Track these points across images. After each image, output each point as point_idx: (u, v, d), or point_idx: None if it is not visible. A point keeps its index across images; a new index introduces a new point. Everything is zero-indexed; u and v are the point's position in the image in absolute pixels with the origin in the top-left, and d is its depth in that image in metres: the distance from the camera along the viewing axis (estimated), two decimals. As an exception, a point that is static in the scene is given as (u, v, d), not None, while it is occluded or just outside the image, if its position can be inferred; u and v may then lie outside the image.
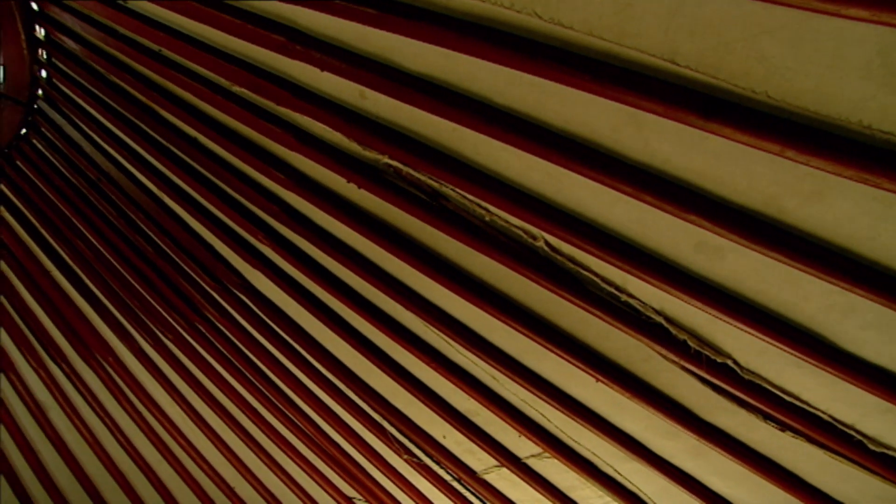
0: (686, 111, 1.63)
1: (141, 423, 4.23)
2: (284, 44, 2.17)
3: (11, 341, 4.11)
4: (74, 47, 2.96)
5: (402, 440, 3.35)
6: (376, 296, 2.82)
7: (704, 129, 1.65)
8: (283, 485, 4.13)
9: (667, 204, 1.88)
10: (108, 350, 3.94)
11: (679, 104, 1.63)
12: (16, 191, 3.58)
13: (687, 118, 1.65)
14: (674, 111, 1.65)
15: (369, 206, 2.55)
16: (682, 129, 1.72)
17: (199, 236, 3.16)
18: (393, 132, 2.27)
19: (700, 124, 1.64)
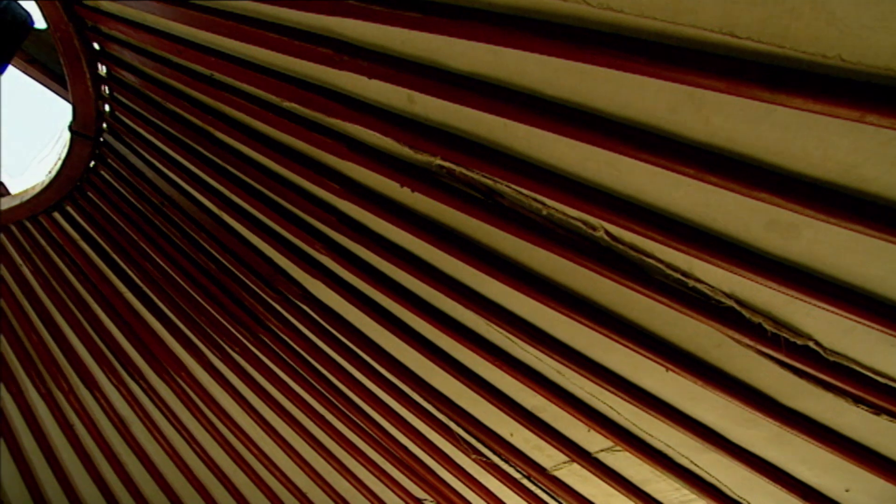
0: (750, 85, 1.56)
1: (215, 433, 4.39)
2: (331, 56, 2.21)
3: (94, 361, 4.34)
4: (133, 80, 3.10)
5: (469, 440, 3.35)
6: (436, 297, 2.83)
7: (771, 102, 1.59)
8: (353, 489, 4.20)
9: (733, 183, 1.81)
10: (181, 365, 4.11)
11: (742, 78, 1.57)
12: (88, 220, 3.78)
13: (751, 92, 1.59)
14: (736, 86, 1.59)
15: (424, 209, 2.56)
16: (746, 103, 1.65)
17: (259, 250, 3.25)
18: (444, 133, 2.28)
19: (766, 97, 1.57)
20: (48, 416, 4.73)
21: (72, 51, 3.07)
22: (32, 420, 4.74)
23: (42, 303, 4.23)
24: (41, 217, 3.89)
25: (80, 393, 4.56)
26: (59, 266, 4.05)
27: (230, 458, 4.50)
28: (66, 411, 4.67)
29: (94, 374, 4.44)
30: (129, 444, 4.72)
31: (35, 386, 4.57)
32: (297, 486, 4.46)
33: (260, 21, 2.36)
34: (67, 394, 4.56)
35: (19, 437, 4.84)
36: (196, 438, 4.50)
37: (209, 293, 3.61)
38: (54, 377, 4.50)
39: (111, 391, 4.48)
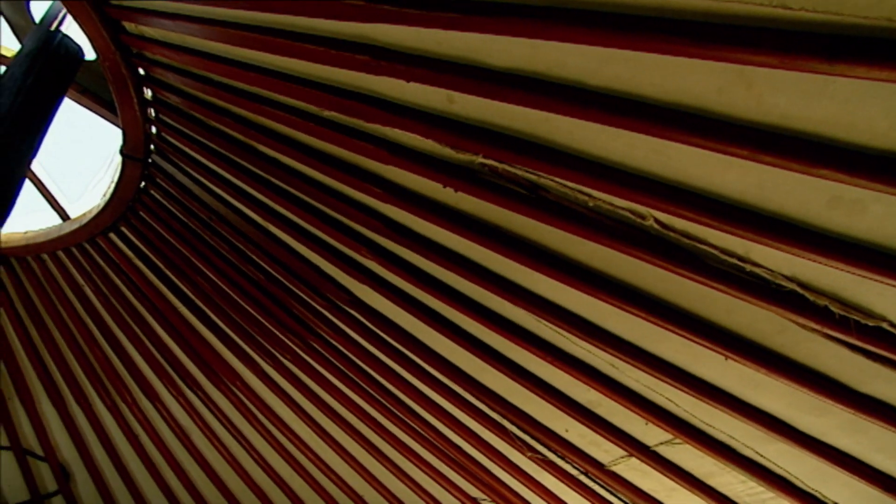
0: (806, 57, 1.50)
1: (271, 440, 4.49)
2: (368, 62, 2.23)
3: (154, 374, 4.50)
4: (177, 101, 3.20)
5: (523, 437, 3.33)
6: (484, 296, 2.83)
7: (829, 74, 1.52)
8: (408, 490, 4.23)
9: (790, 161, 1.74)
10: (235, 375, 4.22)
11: (796, 52, 1.50)
12: (142, 239, 3.92)
13: (807, 65, 1.52)
14: (791, 60, 1.52)
15: (468, 208, 2.56)
16: (801, 77, 1.59)
17: (306, 259, 3.31)
18: (485, 131, 2.27)
19: (824, 69, 1.51)
20: (115, 428, 4.93)
21: (119, 78, 3.19)
22: (101, 431, 4.95)
23: (104, 320, 4.41)
24: (99, 239, 4.06)
25: (142, 404, 4.74)
26: (117, 285, 4.22)
27: (287, 463, 4.59)
28: (131, 422, 4.86)
29: (154, 386, 4.60)
30: (190, 452, 4.88)
31: (101, 399, 4.77)
32: (353, 489, 4.53)
33: (295, 33, 2.40)
34: (131, 405, 4.75)
35: (90, 447, 5.06)
36: (253, 445, 4.62)
37: (259, 304, 3.69)
38: (118, 390, 4.68)
39: (171, 402, 4.63)
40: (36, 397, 4.91)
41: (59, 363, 4.71)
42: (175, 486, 5.12)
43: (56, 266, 4.32)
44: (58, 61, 3.16)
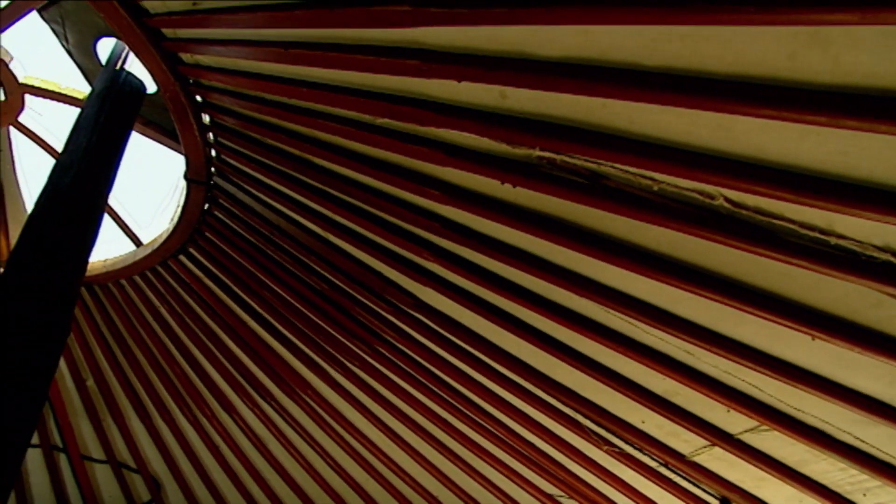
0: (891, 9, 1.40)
1: (344, 445, 4.58)
2: (418, 66, 2.24)
3: (229, 387, 4.68)
4: (233, 123, 3.32)
5: (598, 431, 3.27)
6: (549, 290, 2.79)
7: (917, 25, 1.42)
8: (483, 489, 4.23)
9: (876, 123, 1.64)
10: (306, 384, 4.33)
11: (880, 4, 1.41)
12: (210, 259, 4.09)
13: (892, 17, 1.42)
14: (873, 14, 1.43)
15: (528, 203, 2.53)
16: (884, 32, 1.49)
17: (368, 266, 3.36)
18: (540, 123, 2.24)
19: (910, 21, 1.41)
20: (197, 440, 5.15)
21: (179, 106, 3.33)
22: (185, 444, 5.19)
23: (180, 339, 4.62)
24: (170, 261, 4.25)
25: (220, 417, 4.93)
26: (190, 304, 4.41)
27: (360, 467, 4.67)
28: (212, 434, 5.06)
29: (230, 399, 4.78)
30: (268, 461, 5.04)
31: (184, 414, 5.00)
32: (427, 490, 4.56)
33: (345, 45, 2.44)
34: (211, 419, 4.95)
35: (177, 459, 5.31)
36: (327, 451, 4.72)
37: (325, 313, 3.78)
38: (198, 404, 4.89)
39: (247, 413, 4.80)
40: (125, 414, 5.20)
41: (143, 381, 4.96)
42: (256, 493, 5.30)
43: (134, 290, 4.56)
44: (124, 98, 3.33)
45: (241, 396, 4.68)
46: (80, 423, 5.32)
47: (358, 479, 4.81)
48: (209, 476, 5.35)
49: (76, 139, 3.07)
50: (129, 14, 2.91)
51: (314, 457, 4.80)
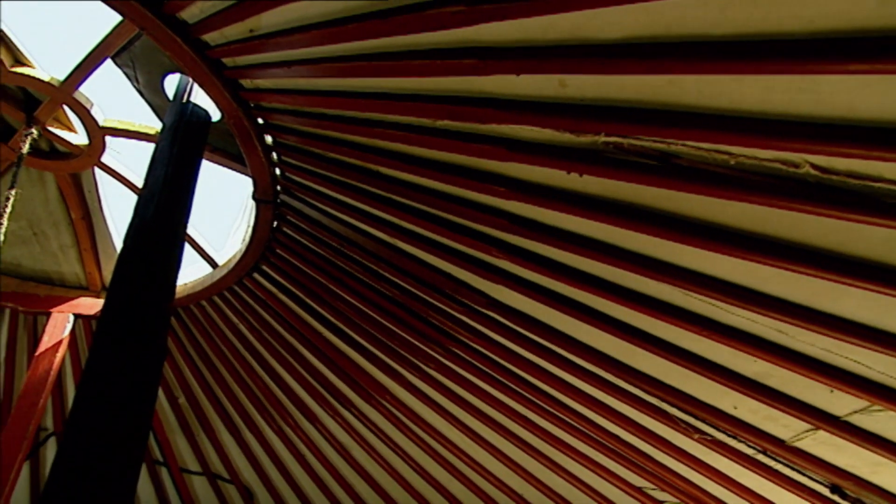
0: None
1: (426, 448, 4.63)
2: (475, 64, 2.24)
3: (310, 397, 4.84)
4: (295, 140, 3.43)
5: (686, 419, 3.16)
6: (624, 277, 2.73)
7: None
8: (568, 485, 4.17)
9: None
10: (384, 389, 4.41)
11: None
12: (282, 274, 4.24)
13: None
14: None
15: (596, 190, 2.49)
16: None
17: (438, 268, 3.39)
18: (604, 108, 2.20)
19: None
20: (284, 450, 5.34)
21: (243, 130, 3.48)
22: (272, 453, 5.39)
23: (260, 353, 4.81)
24: (245, 280, 4.44)
25: (304, 426, 5.10)
26: (267, 320, 4.58)
27: (444, 469, 4.71)
28: (297, 444, 5.24)
29: (312, 409, 4.93)
30: (353, 467, 5.16)
31: (269, 425, 5.20)
32: (512, 488, 4.55)
33: (399, 52, 2.47)
34: (295, 428, 5.12)
35: (266, 469, 5.53)
36: (409, 454, 4.79)
37: (398, 318, 3.84)
38: (282, 415, 5.08)
39: (329, 422, 4.94)
40: (216, 428, 5.46)
41: (229, 396, 5.20)
42: (343, 498, 5.44)
43: (214, 310, 4.78)
44: (193, 128, 3.51)
45: (322, 405, 4.83)
46: (176, 438, 5.63)
47: (441, 480, 4.85)
48: (297, 484, 5.54)
49: (154, 172, 3.25)
50: (192, 49, 3.06)
51: (397, 460, 4.88)
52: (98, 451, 2.13)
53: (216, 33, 2.94)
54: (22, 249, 5.04)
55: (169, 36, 3.00)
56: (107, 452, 2.10)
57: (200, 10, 2.84)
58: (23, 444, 4.08)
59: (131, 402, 2.28)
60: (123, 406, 2.24)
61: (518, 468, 4.29)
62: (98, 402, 2.28)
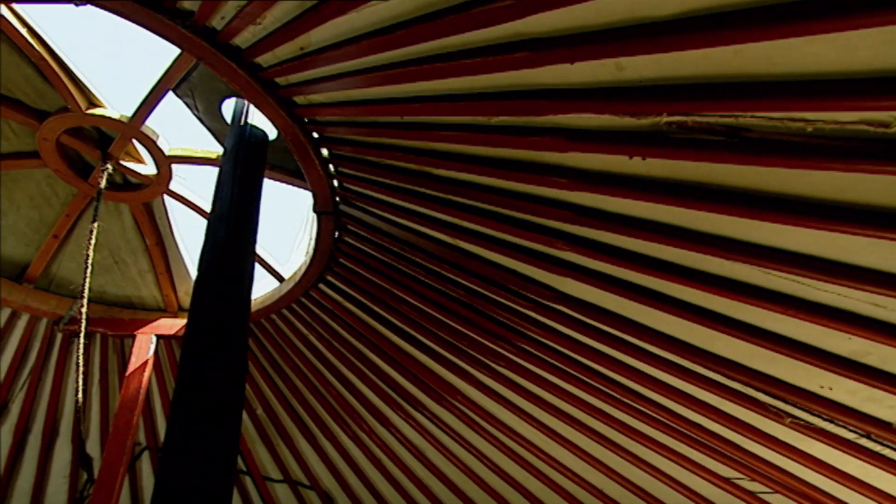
0: None
1: (501, 446, 4.62)
2: (527, 57, 2.22)
3: (382, 402, 4.92)
4: (350, 150, 3.49)
5: (775, 404, 3.01)
6: (696, 259, 2.63)
7: None
8: (651, 478, 4.06)
9: None
10: (455, 390, 4.43)
11: None
12: (347, 283, 4.33)
13: None
14: None
15: (661, 173, 2.41)
16: None
17: (502, 265, 3.37)
18: (665, 88, 2.12)
19: None
20: (360, 455, 5.45)
21: (301, 146, 3.57)
22: (349, 459, 5.51)
23: (330, 361, 4.93)
24: (312, 291, 4.56)
25: (378, 431, 5.18)
26: (335, 328, 4.69)
27: (520, 467, 4.68)
28: (372, 448, 5.33)
29: (385, 413, 5.01)
30: (429, 469, 5.20)
31: (344, 431, 5.31)
32: (592, 484, 4.46)
33: (449, 53, 2.47)
34: (369, 433, 5.22)
35: (343, 474, 5.66)
36: (484, 454, 4.79)
37: (464, 318, 3.84)
38: (356, 421, 5.18)
39: (402, 425, 5.00)
40: (293, 437, 5.63)
41: (304, 405, 5.35)
42: (421, 500, 5.50)
43: (283, 323, 4.94)
44: (252, 149, 3.63)
45: (394, 409, 4.89)
46: (257, 448, 5.85)
47: (518, 478, 4.82)
48: (375, 488, 5.64)
49: (221, 194, 3.39)
50: (247, 72, 3.17)
51: (472, 460, 4.89)
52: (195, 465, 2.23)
53: (268, 55, 3.04)
54: (106, 277, 5.36)
55: (224, 63, 3.13)
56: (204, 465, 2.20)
57: (252, 35, 2.94)
58: (123, 458, 4.34)
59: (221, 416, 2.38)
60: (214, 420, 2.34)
61: (597, 462, 4.21)
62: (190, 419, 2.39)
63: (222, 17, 2.86)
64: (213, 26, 2.94)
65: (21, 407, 5.51)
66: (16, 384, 5.44)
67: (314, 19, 2.63)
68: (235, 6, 2.76)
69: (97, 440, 5.82)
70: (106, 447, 4.42)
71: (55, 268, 5.22)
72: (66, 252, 5.14)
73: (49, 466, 5.87)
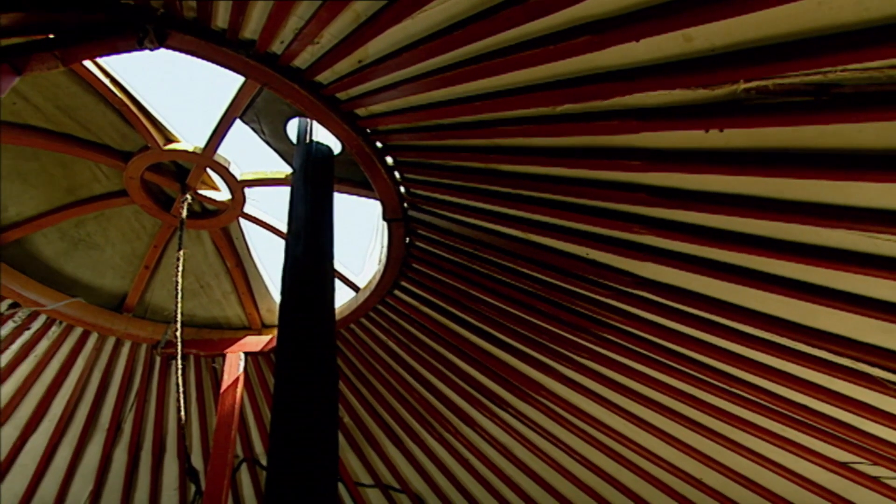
0: None
1: (590, 439, 4.53)
2: (590, 40, 2.16)
3: (465, 402, 4.94)
4: (415, 156, 3.53)
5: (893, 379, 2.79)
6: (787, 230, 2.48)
7: None
8: (754, 465, 3.86)
9: None
10: (539, 386, 4.38)
11: None
12: (422, 287, 4.39)
13: None
14: None
15: (742, 143, 2.29)
16: None
17: (577, 255, 3.31)
18: (739, 54, 2.01)
19: None
20: (447, 456, 5.50)
21: (366, 157, 3.64)
22: (437, 461, 5.57)
23: (411, 366, 5.00)
24: (388, 298, 4.64)
25: (463, 431, 5.21)
26: (412, 332, 4.75)
27: (611, 460, 4.58)
28: (459, 449, 5.37)
29: (469, 414, 5.03)
30: (518, 467, 5.18)
31: (430, 433, 5.38)
32: (689, 473, 4.30)
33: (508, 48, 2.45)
34: (455, 434, 5.25)
35: (433, 476, 5.73)
36: (573, 448, 4.71)
37: (542, 312, 3.80)
38: (441, 423, 5.23)
39: (487, 424, 5.00)
40: (381, 442, 5.75)
41: (388, 410, 5.46)
42: (512, 498, 5.48)
43: (362, 331, 5.06)
44: (320, 165, 3.74)
45: (478, 409, 4.90)
46: (347, 455, 6.01)
47: (610, 471, 4.71)
48: (465, 488, 5.67)
49: (295, 213, 3.51)
50: (309, 92, 3.27)
51: (561, 455, 4.82)
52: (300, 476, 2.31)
53: (328, 72, 3.12)
54: (194, 302, 5.69)
55: (287, 85, 3.24)
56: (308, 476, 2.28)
57: (311, 55, 3.03)
58: (226, 471, 4.58)
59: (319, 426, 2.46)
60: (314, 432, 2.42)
61: (693, 451, 4.05)
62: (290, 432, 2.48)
63: (281, 41, 2.96)
64: (274, 51, 3.05)
65: (132, 427, 5.92)
66: (125, 406, 5.85)
67: (370, 31, 2.67)
68: (293, 29, 2.86)
69: (199, 453, 6.17)
70: (210, 460, 4.67)
71: (148, 296, 5.59)
72: (156, 280, 5.50)
73: (160, 480, 6.27)
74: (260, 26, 2.87)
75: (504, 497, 5.51)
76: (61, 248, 5.09)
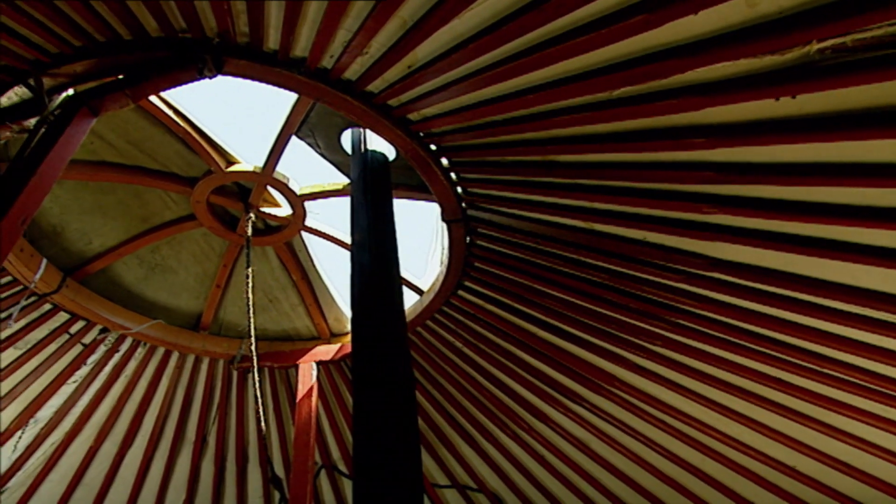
0: None
1: (669, 429, 4.40)
2: (646, 19, 2.10)
3: (537, 398, 4.89)
4: (470, 155, 3.53)
5: None
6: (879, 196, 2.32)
7: None
8: (854, 449, 3.63)
9: None
10: (612, 377, 4.29)
11: None
12: (485, 285, 4.38)
13: None
14: None
15: (817, 108, 2.17)
16: None
17: (643, 241, 3.22)
18: (810, 13, 1.91)
19: None
20: (522, 453, 5.47)
21: (421, 161, 3.67)
22: (512, 458, 5.55)
23: (480, 365, 5.00)
24: (452, 299, 4.66)
25: (537, 428, 5.16)
26: (479, 331, 4.76)
27: (694, 449, 4.43)
28: (534, 445, 5.32)
29: (541, 409, 4.98)
30: (595, 460, 5.09)
31: (503, 431, 5.36)
32: (779, 461, 4.10)
33: (559, 36, 2.41)
34: (528, 431, 5.22)
35: (509, 474, 5.71)
36: (652, 439, 4.58)
37: (611, 302, 3.72)
38: (513, 420, 5.21)
39: (561, 419, 4.94)
40: (454, 442, 5.78)
41: (460, 410, 5.48)
42: (591, 493, 5.38)
43: (429, 333, 5.10)
44: (377, 173, 3.80)
45: (550, 404, 4.85)
46: (423, 457, 6.08)
47: (693, 461, 4.56)
48: (542, 485, 5.61)
49: (358, 222, 3.58)
50: (361, 102, 3.33)
51: (640, 447, 4.70)
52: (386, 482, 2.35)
53: (378, 80, 3.17)
54: (264, 316, 5.90)
55: (339, 97, 3.31)
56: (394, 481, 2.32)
57: (361, 66, 3.09)
58: (308, 477, 4.72)
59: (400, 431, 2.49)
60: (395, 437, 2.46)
61: (783, 437, 3.86)
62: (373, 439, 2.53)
63: (331, 55, 3.03)
64: (325, 66, 3.13)
65: (216, 439, 6.20)
66: (209, 419, 6.14)
67: (418, 36, 2.70)
68: (342, 42, 2.92)
69: (280, 461, 6.39)
70: (293, 468, 4.83)
71: (222, 313, 5.84)
72: (228, 298, 5.74)
73: (246, 489, 6.54)
74: (310, 43, 2.94)
75: (584, 493, 5.42)
76: (140, 273, 5.39)
